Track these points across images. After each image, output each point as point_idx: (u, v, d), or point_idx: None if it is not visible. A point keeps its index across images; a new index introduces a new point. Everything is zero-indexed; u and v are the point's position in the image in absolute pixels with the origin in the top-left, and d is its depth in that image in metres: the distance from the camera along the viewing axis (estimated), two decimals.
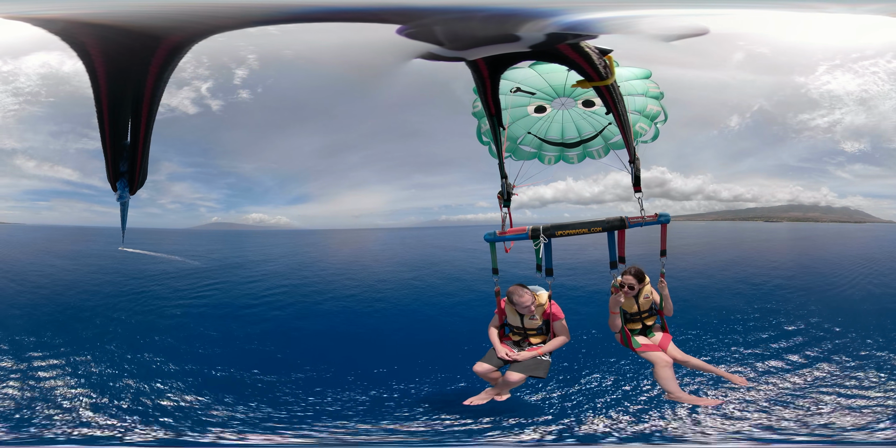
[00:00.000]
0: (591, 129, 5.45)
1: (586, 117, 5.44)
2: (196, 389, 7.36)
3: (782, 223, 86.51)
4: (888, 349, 8.23)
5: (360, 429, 5.85)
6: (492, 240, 4.95)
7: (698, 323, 10.04)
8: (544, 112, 5.48)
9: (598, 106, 5.38)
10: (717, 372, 5.62)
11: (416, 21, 2.96)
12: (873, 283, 14.66)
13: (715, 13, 4.43)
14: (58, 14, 2.40)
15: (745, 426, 5.85)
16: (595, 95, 5.33)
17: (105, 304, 12.55)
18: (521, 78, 5.43)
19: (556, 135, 5.48)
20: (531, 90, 5.42)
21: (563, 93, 5.43)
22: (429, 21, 3.02)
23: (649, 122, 5.34)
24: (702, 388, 6.81)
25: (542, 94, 5.44)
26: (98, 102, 2.49)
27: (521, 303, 5.07)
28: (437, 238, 44.71)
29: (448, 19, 3.07)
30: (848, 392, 6.65)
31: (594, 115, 5.41)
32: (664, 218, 4.85)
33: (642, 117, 5.30)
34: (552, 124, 5.47)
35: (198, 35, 2.41)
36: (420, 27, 3.02)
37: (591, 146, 5.50)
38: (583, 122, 5.44)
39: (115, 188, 2.88)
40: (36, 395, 6.68)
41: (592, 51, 3.44)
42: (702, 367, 5.42)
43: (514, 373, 5.05)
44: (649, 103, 5.34)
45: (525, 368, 5.06)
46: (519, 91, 5.40)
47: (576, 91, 5.40)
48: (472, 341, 7.56)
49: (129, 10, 2.43)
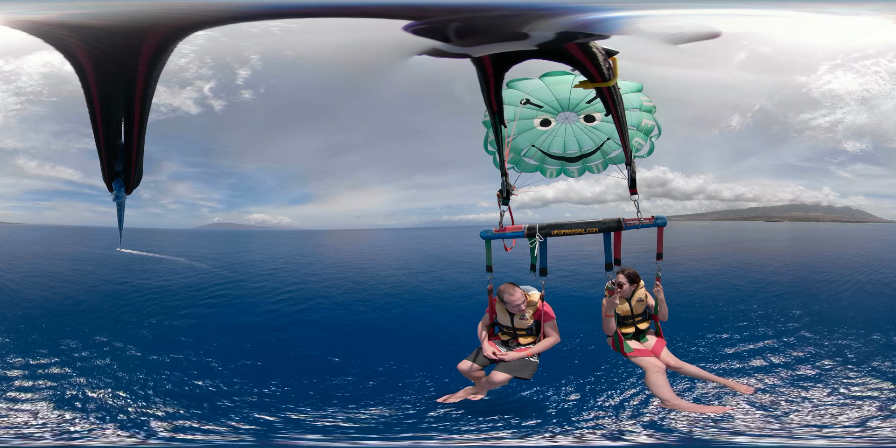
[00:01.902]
0: (591, 144, 5.62)
1: (587, 132, 5.62)
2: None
3: (784, 223, 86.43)
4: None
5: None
6: (488, 237, 4.90)
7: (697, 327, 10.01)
8: (549, 126, 5.65)
9: (598, 121, 5.57)
10: (716, 380, 5.36)
11: (428, 17, 2.93)
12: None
13: (725, 14, 4.40)
14: (40, 17, 2.40)
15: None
16: (596, 111, 5.53)
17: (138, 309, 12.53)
18: (531, 89, 5.56)
19: (559, 149, 5.65)
20: (539, 103, 5.57)
21: (568, 107, 5.61)
22: (441, 18, 3.00)
23: (645, 137, 5.60)
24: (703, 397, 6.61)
25: (547, 108, 5.61)
26: (90, 103, 2.50)
27: (512, 301, 4.96)
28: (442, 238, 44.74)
29: (460, 16, 3.04)
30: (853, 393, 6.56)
31: (594, 131, 5.60)
32: (661, 221, 4.76)
33: (638, 132, 5.49)
34: (555, 138, 5.65)
35: (181, 31, 2.41)
36: (431, 23, 2.99)
37: (590, 161, 5.67)
38: (584, 137, 5.62)
39: (111, 188, 2.87)
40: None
41: (599, 51, 3.43)
42: (699, 375, 5.23)
43: (498, 373, 4.95)
44: (644, 118, 5.51)
45: (511, 369, 4.95)
46: (528, 103, 5.54)
47: (579, 105, 5.57)
48: (458, 340, 7.58)
49: (109, 11, 2.43)
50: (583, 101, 5.50)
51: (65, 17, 2.44)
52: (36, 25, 2.41)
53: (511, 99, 5.59)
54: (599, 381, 6.96)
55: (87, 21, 2.37)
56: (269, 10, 2.65)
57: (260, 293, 15.15)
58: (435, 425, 5.58)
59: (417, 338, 10.42)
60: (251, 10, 2.58)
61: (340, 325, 11.42)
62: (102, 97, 2.41)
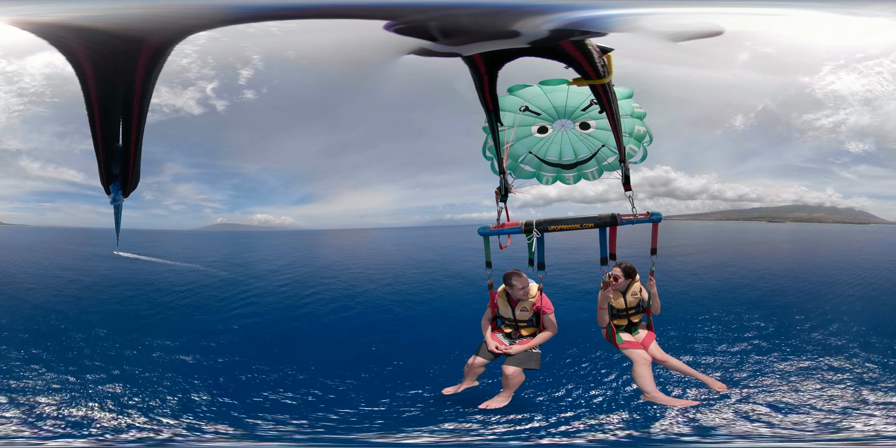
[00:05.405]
0: (586, 151, 5.73)
1: (583, 139, 5.73)
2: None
3: (786, 223, 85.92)
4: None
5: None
6: (485, 233, 4.97)
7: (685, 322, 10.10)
8: (546, 133, 5.76)
9: (593, 128, 5.68)
10: (695, 375, 5.50)
11: (405, 17, 2.93)
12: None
13: (725, 12, 4.40)
14: (46, 18, 2.42)
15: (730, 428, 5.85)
16: (591, 118, 5.64)
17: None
18: (530, 96, 5.68)
19: (555, 156, 5.76)
20: (537, 111, 5.68)
21: (564, 114, 5.71)
22: (419, 17, 2.99)
23: (638, 143, 5.72)
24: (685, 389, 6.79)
25: (545, 115, 5.72)
26: (89, 106, 2.52)
27: (517, 285, 5.12)
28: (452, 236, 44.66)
29: (439, 15, 3.04)
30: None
31: (589, 138, 5.70)
32: (656, 216, 4.85)
33: (631, 139, 5.59)
34: (551, 145, 5.76)
35: (178, 34, 2.43)
36: (410, 23, 2.99)
37: (585, 168, 5.78)
38: (579, 144, 5.72)
39: (109, 191, 2.89)
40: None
41: (594, 49, 3.43)
42: (680, 369, 5.38)
43: (508, 366, 5.14)
44: (636, 124, 5.62)
45: (518, 361, 5.15)
46: (527, 110, 5.64)
47: (575, 113, 5.68)
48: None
49: (111, 13, 2.45)
50: (578, 109, 5.61)
51: (70, 19, 2.46)
52: (41, 27, 2.44)
53: (511, 106, 5.70)
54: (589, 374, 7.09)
55: (91, 23, 2.40)
56: (262, 12, 2.67)
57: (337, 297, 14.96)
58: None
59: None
60: (244, 12, 2.60)
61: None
62: (101, 100, 2.44)
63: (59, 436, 5.71)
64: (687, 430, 5.76)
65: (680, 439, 5.60)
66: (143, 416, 6.29)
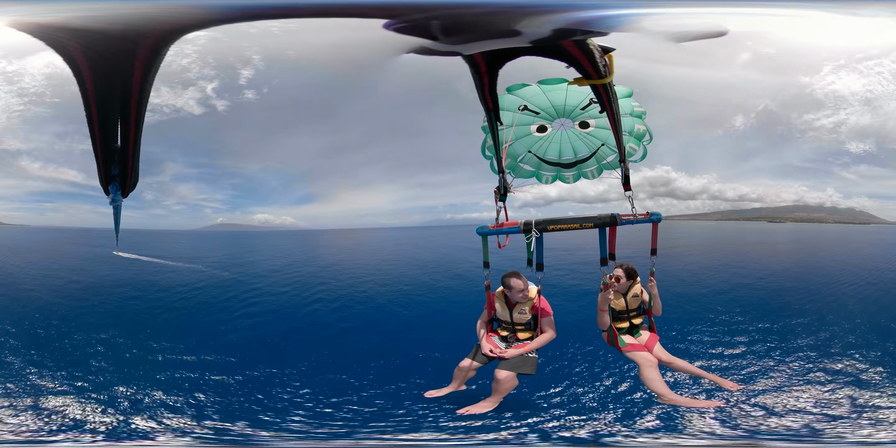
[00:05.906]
0: (585, 150, 5.73)
1: (582, 138, 5.73)
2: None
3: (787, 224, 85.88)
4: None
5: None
6: (484, 233, 4.93)
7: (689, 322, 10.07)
8: (545, 132, 5.76)
9: (593, 127, 5.68)
10: (705, 375, 5.46)
11: (404, 16, 2.92)
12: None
13: (725, 12, 4.39)
14: (43, 19, 2.43)
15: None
16: (590, 117, 5.64)
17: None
18: (530, 95, 5.67)
19: (554, 155, 5.76)
20: (536, 110, 5.67)
21: (563, 113, 5.71)
22: (419, 16, 2.99)
23: (638, 142, 5.73)
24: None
25: (544, 114, 5.72)
26: (87, 107, 2.52)
27: (516, 286, 5.03)
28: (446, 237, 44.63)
29: (440, 14, 3.03)
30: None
31: (589, 137, 5.71)
32: (656, 217, 4.83)
33: (632, 138, 5.59)
34: (550, 144, 5.76)
35: (175, 34, 2.44)
36: (410, 22, 2.98)
37: (585, 167, 5.79)
38: (579, 143, 5.73)
39: (108, 192, 2.89)
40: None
41: (595, 48, 3.43)
42: (688, 370, 5.33)
43: (501, 370, 5.01)
44: (636, 123, 5.62)
45: (512, 366, 5.01)
46: (526, 109, 5.65)
47: (574, 112, 5.68)
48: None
49: (107, 13, 2.45)
50: (577, 108, 5.61)
51: (67, 20, 2.46)
52: (39, 28, 2.44)
53: (510, 105, 5.69)
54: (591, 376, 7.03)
55: (87, 24, 2.40)
56: (261, 11, 2.67)
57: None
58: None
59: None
60: (242, 11, 2.60)
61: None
62: (99, 101, 2.44)
63: (60, 440, 5.70)
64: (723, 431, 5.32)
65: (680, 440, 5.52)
66: (149, 419, 6.28)
